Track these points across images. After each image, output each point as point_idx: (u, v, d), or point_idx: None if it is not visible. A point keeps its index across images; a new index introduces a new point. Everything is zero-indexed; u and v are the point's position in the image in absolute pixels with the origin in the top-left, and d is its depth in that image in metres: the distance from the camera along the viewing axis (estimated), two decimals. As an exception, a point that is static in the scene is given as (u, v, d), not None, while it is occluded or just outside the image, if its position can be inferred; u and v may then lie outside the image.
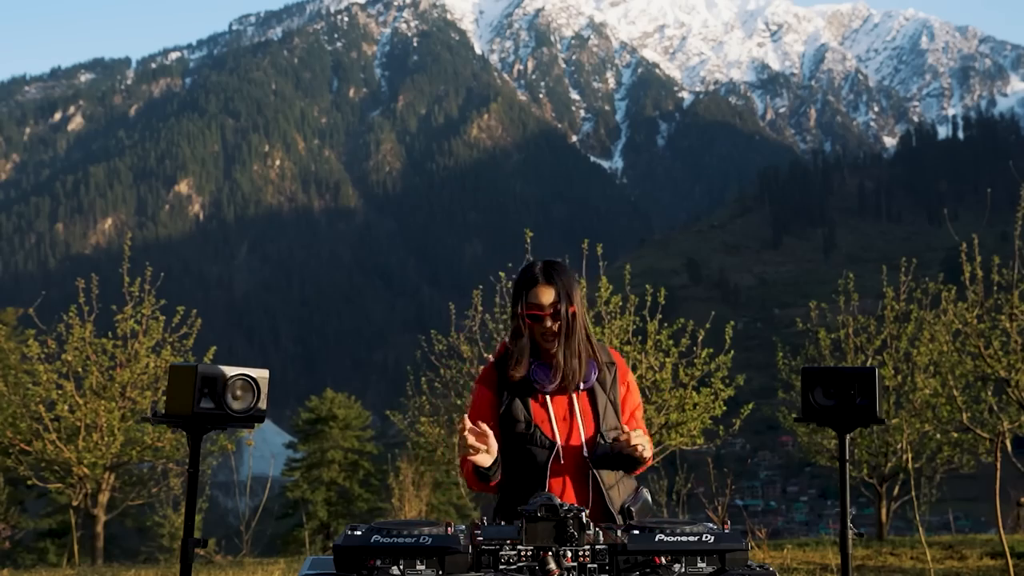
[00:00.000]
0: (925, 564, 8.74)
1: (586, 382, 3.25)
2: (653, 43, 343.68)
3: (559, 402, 3.26)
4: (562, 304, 3.18)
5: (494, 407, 3.28)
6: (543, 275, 3.21)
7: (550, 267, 3.24)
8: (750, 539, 9.52)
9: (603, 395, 3.29)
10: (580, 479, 3.24)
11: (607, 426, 3.27)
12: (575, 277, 3.31)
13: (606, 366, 3.31)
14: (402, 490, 14.51)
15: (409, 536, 2.66)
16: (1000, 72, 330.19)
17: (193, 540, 3.07)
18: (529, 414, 3.24)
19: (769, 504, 70.12)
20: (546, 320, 3.19)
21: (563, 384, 3.24)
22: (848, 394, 3.17)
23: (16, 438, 11.69)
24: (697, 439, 9.85)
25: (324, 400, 27.03)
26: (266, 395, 3.06)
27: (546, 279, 3.20)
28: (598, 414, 3.26)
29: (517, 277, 3.28)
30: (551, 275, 3.21)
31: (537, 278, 3.21)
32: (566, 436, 3.25)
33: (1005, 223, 9.39)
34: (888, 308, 12.00)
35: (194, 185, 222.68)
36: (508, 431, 3.26)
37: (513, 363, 3.24)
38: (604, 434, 3.25)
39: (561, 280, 3.21)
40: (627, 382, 3.36)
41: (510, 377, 3.24)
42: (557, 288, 3.19)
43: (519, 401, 3.26)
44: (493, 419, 3.26)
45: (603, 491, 3.22)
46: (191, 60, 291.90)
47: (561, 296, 3.19)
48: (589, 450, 3.23)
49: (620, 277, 9.88)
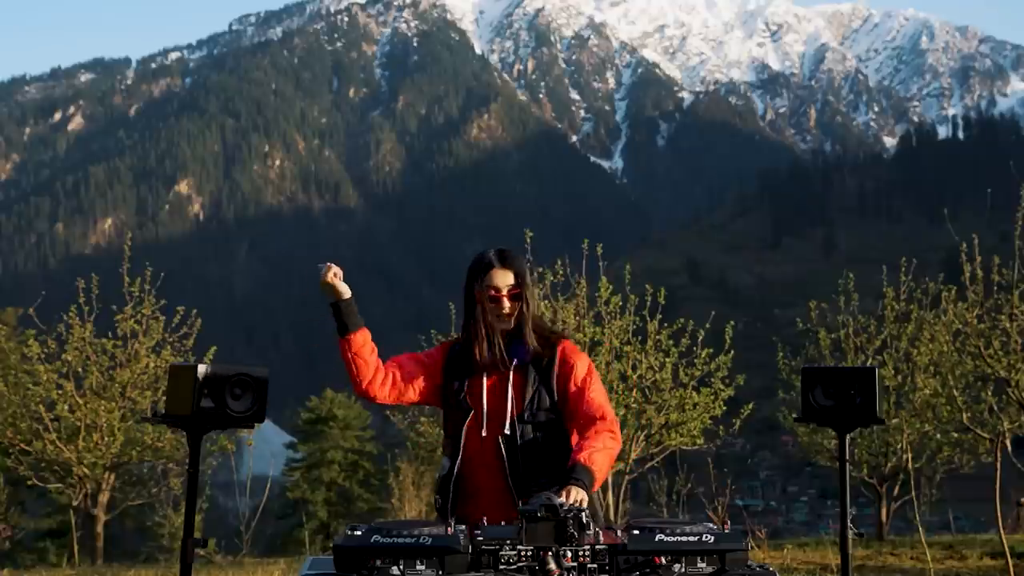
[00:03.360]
0: (925, 564, 8.74)
1: (518, 360, 3.38)
2: (653, 43, 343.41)
3: (494, 378, 3.41)
4: (520, 287, 3.38)
5: (436, 369, 3.48)
6: (503, 260, 3.42)
7: (507, 253, 3.47)
8: (750, 539, 9.52)
9: (535, 376, 3.40)
10: (497, 451, 3.35)
11: (535, 407, 3.37)
12: (525, 261, 3.57)
13: (544, 347, 3.42)
14: (402, 490, 14.52)
15: (409, 536, 2.66)
16: (1000, 72, 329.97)
17: (193, 540, 3.07)
18: (463, 386, 3.41)
19: (769, 504, 70.02)
20: (504, 301, 3.38)
21: (499, 360, 3.39)
22: (848, 394, 3.18)
23: (16, 438, 11.69)
24: (697, 439, 9.85)
25: (324, 400, 27.01)
26: (266, 395, 3.07)
27: (505, 263, 3.41)
28: (525, 393, 3.38)
29: (471, 264, 3.48)
30: (506, 259, 3.42)
31: (493, 263, 3.41)
32: (492, 409, 3.38)
33: (1005, 223, 9.38)
34: (888, 308, 11.99)
35: (194, 185, 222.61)
36: (446, 402, 3.47)
37: (477, 343, 3.40)
38: (531, 414, 3.36)
39: (516, 263, 3.43)
40: (573, 362, 3.43)
41: (477, 355, 3.39)
42: (515, 271, 3.40)
43: (459, 375, 3.44)
44: (430, 377, 3.47)
45: (513, 470, 3.31)
46: (191, 60, 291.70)
47: (520, 280, 3.39)
48: (510, 425, 3.35)
49: (620, 277, 9.87)
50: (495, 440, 3.35)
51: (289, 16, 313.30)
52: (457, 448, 3.38)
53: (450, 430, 3.46)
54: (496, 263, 3.40)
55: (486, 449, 3.35)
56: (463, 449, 3.37)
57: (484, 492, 3.34)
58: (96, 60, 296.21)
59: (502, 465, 3.33)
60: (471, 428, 3.37)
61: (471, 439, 3.37)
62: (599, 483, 3.26)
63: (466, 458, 3.37)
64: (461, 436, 3.37)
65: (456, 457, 3.38)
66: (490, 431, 3.36)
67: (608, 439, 3.28)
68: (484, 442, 3.35)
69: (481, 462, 3.36)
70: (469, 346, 3.43)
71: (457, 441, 3.39)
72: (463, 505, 3.34)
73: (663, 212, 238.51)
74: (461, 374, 3.43)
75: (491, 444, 3.35)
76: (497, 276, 3.39)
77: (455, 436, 3.41)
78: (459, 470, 3.38)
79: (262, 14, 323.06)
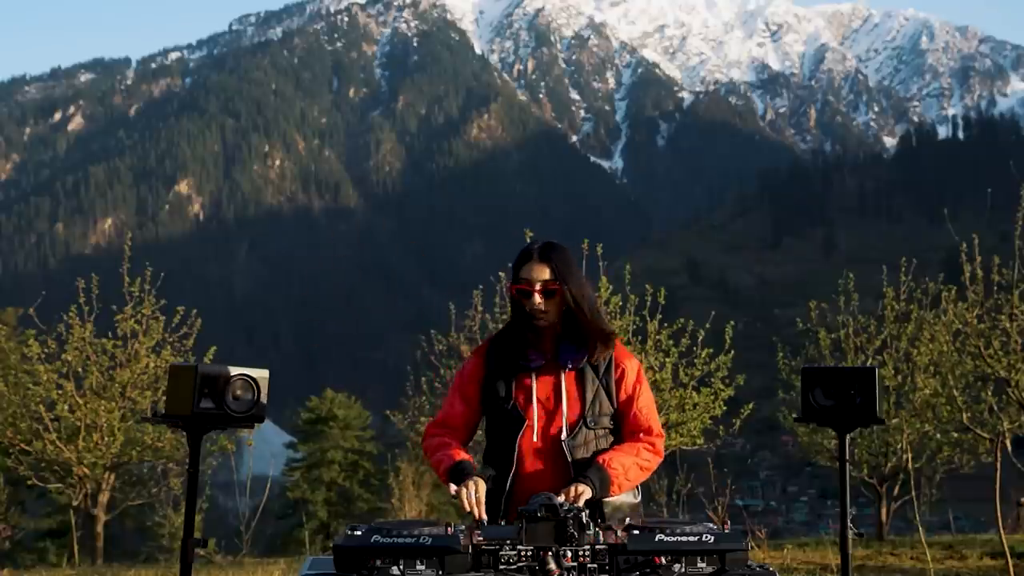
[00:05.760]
0: (925, 564, 8.73)
1: (574, 362, 3.20)
2: (653, 43, 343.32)
3: (544, 381, 3.22)
4: (558, 282, 3.14)
5: (480, 379, 3.28)
6: (538, 253, 3.19)
7: (547, 246, 3.22)
8: (750, 539, 9.52)
9: (594, 378, 3.23)
10: (556, 461, 3.17)
11: (597, 411, 3.21)
12: (573, 259, 3.27)
13: (603, 351, 3.24)
14: (402, 490, 14.51)
15: (409, 536, 2.66)
16: (1000, 72, 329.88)
17: (193, 540, 3.07)
18: (509, 391, 3.21)
19: (769, 504, 69.98)
20: (535, 296, 3.15)
21: (550, 363, 3.21)
22: (848, 394, 3.18)
23: (16, 438, 11.68)
24: (697, 439, 9.84)
25: (324, 400, 27.01)
26: (266, 395, 3.06)
27: (540, 257, 3.18)
28: (585, 397, 3.21)
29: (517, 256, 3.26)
30: (546, 253, 3.18)
31: (532, 254, 3.19)
32: (546, 416, 3.20)
33: (1005, 223, 9.37)
34: (888, 308, 11.98)
35: (194, 185, 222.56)
36: (490, 406, 3.26)
37: (507, 338, 3.25)
38: (593, 419, 3.20)
39: (556, 258, 3.17)
40: (624, 367, 3.28)
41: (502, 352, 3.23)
42: (552, 266, 3.16)
43: (504, 377, 3.23)
44: (479, 390, 3.27)
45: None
46: (191, 60, 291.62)
47: (557, 274, 3.15)
48: (568, 432, 3.17)
49: (620, 277, 9.87)
50: (553, 447, 3.17)
51: (289, 16, 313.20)
52: (508, 459, 3.17)
53: (498, 438, 3.25)
54: (535, 255, 3.18)
55: (544, 458, 3.17)
56: (516, 462, 3.16)
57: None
58: (96, 60, 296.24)
59: (567, 474, 3.12)
60: (524, 437, 3.18)
61: (524, 448, 3.17)
62: (619, 488, 3.14)
63: (520, 470, 3.16)
64: (514, 447, 3.17)
65: (508, 469, 3.17)
66: (544, 438, 3.18)
67: (644, 451, 3.20)
68: (540, 451, 3.18)
69: (538, 473, 3.16)
70: (509, 342, 3.24)
71: (508, 451, 3.18)
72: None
73: (663, 212, 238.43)
74: (507, 373, 3.23)
75: (549, 452, 3.17)
76: (531, 269, 3.16)
77: (505, 446, 3.20)
78: (511, 485, 3.16)
79: (262, 14, 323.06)
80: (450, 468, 3.10)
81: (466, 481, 3.02)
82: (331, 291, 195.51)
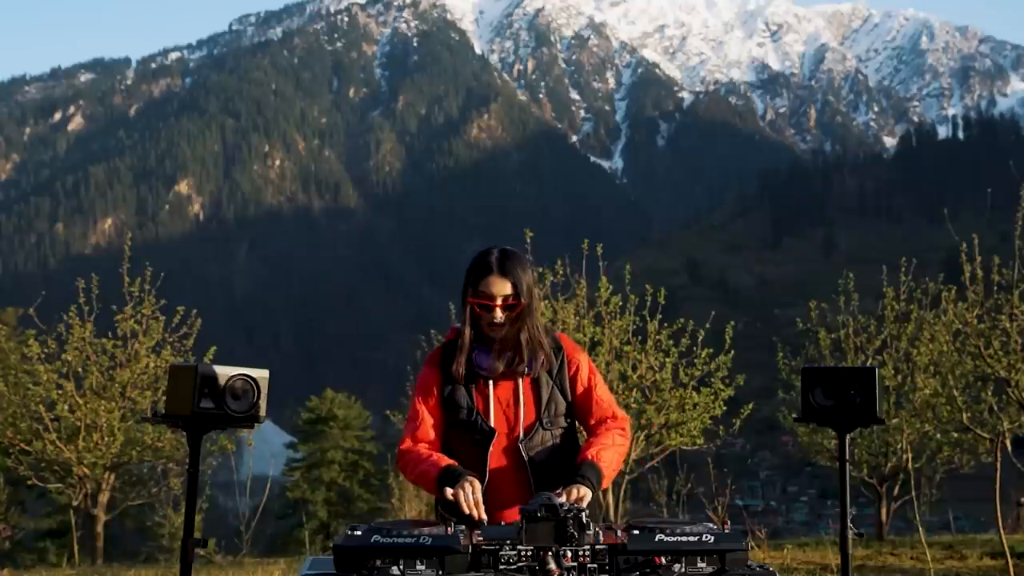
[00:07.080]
0: (925, 564, 8.73)
1: (530, 369, 3.23)
2: (653, 43, 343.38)
3: (504, 388, 3.26)
4: (518, 298, 3.16)
5: (440, 389, 3.29)
6: (498, 266, 3.17)
7: (505, 257, 3.20)
8: (750, 539, 9.52)
9: (548, 380, 3.28)
10: (516, 463, 3.23)
11: (552, 412, 3.27)
12: (529, 266, 3.27)
13: (552, 352, 3.29)
14: (402, 490, 14.51)
15: (409, 536, 2.66)
16: (1000, 72, 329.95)
17: (193, 540, 3.07)
18: (471, 401, 3.24)
19: (769, 504, 69.98)
20: (496, 311, 3.17)
21: (508, 370, 3.23)
22: (848, 394, 3.17)
23: (16, 438, 11.68)
24: (697, 439, 9.84)
25: (324, 400, 27.02)
26: (266, 395, 3.06)
27: (500, 271, 3.17)
28: (540, 401, 3.25)
29: (471, 263, 3.24)
30: (506, 267, 3.17)
31: (491, 267, 3.17)
32: (508, 423, 3.24)
33: (1005, 223, 9.37)
34: (888, 308, 11.97)
35: (194, 185, 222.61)
36: (451, 416, 3.27)
37: (457, 353, 3.24)
38: (549, 420, 3.25)
39: (516, 273, 3.17)
40: (577, 362, 3.33)
41: (452, 370, 3.24)
42: (513, 281, 3.16)
43: (463, 387, 3.25)
44: (440, 401, 3.28)
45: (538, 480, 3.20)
46: (191, 60, 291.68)
47: (518, 290, 3.16)
48: (525, 435, 3.23)
49: (620, 277, 9.87)
50: (513, 450, 3.23)
51: (289, 16, 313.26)
52: (477, 466, 3.18)
53: (462, 446, 3.26)
54: (495, 269, 3.16)
55: (506, 461, 3.23)
56: (485, 468, 3.20)
57: (510, 507, 3.16)
58: (96, 60, 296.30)
59: (527, 476, 3.21)
60: (492, 444, 3.23)
61: (491, 454, 3.22)
62: (608, 480, 3.22)
63: (490, 477, 3.20)
64: (483, 454, 3.21)
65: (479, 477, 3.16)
66: (507, 443, 3.24)
67: (618, 436, 3.26)
68: (502, 455, 3.23)
69: (501, 476, 3.21)
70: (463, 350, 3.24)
71: (475, 458, 3.21)
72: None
73: (663, 212, 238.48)
74: (465, 382, 3.25)
75: (510, 455, 3.23)
76: (492, 284, 3.16)
77: (471, 453, 3.22)
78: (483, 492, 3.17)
79: (262, 14, 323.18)
80: (439, 474, 3.10)
81: (461, 483, 3.02)
82: (331, 291, 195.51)
